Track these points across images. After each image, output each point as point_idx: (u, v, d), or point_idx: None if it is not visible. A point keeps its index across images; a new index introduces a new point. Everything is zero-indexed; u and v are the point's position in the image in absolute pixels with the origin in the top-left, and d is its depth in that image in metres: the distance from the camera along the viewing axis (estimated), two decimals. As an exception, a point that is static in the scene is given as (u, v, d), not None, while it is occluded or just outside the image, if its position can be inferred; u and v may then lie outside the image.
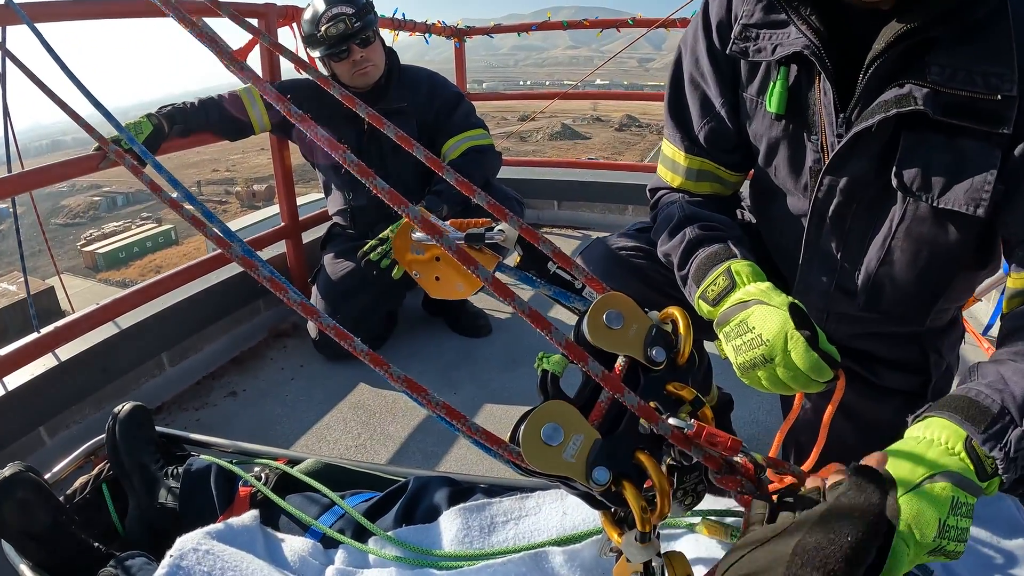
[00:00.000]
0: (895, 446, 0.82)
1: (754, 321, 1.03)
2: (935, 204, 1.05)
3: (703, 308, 1.16)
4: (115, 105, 1.32)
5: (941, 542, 0.71)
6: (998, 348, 0.99)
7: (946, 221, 1.08)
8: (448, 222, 1.33)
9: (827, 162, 1.13)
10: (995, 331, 1.10)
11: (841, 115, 1.09)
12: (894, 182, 1.08)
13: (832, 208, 1.18)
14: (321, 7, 2.50)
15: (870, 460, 0.79)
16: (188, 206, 0.96)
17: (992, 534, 0.90)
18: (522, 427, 0.66)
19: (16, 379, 1.95)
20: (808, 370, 0.98)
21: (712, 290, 1.14)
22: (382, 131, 0.76)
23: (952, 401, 0.85)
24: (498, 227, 1.23)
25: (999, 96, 0.95)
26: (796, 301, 1.03)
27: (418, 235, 1.36)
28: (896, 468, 0.76)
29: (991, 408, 0.82)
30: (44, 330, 2.01)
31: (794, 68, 1.15)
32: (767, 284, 1.10)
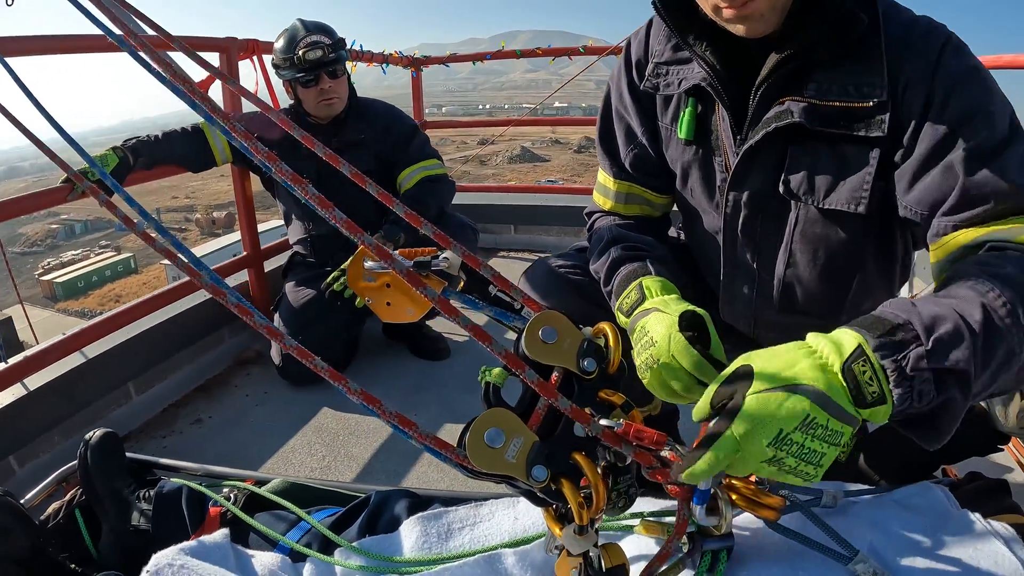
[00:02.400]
0: (781, 346, 0.83)
1: (649, 326, 1.12)
2: (820, 205, 1.18)
3: (620, 318, 1.27)
4: (72, 131, 1.36)
5: (777, 453, 0.74)
6: None
7: (833, 221, 1.21)
8: (396, 251, 1.42)
9: (729, 179, 1.26)
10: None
11: (738, 136, 1.22)
12: (781, 188, 1.21)
13: (741, 221, 1.30)
14: (300, 32, 2.57)
15: (759, 355, 0.83)
16: (159, 237, 1.03)
17: (925, 521, 0.96)
18: (467, 432, 0.74)
19: (-18, 412, 1.96)
20: (690, 367, 1.01)
21: (626, 302, 1.25)
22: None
23: (859, 320, 0.85)
24: (443, 255, 1.32)
25: (871, 102, 1.07)
26: (696, 309, 1.10)
27: (369, 264, 1.45)
28: (765, 365, 0.80)
29: (893, 321, 0.81)
30: (11, 361, 2.04)
31: (698, 98, 1.28)
32: (671, 296, 1.20)
